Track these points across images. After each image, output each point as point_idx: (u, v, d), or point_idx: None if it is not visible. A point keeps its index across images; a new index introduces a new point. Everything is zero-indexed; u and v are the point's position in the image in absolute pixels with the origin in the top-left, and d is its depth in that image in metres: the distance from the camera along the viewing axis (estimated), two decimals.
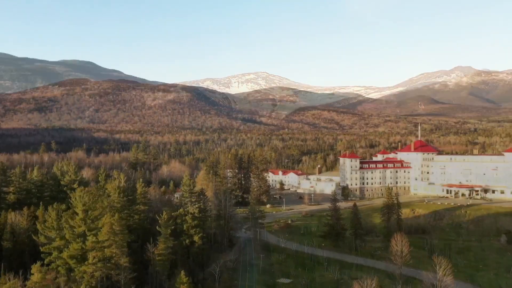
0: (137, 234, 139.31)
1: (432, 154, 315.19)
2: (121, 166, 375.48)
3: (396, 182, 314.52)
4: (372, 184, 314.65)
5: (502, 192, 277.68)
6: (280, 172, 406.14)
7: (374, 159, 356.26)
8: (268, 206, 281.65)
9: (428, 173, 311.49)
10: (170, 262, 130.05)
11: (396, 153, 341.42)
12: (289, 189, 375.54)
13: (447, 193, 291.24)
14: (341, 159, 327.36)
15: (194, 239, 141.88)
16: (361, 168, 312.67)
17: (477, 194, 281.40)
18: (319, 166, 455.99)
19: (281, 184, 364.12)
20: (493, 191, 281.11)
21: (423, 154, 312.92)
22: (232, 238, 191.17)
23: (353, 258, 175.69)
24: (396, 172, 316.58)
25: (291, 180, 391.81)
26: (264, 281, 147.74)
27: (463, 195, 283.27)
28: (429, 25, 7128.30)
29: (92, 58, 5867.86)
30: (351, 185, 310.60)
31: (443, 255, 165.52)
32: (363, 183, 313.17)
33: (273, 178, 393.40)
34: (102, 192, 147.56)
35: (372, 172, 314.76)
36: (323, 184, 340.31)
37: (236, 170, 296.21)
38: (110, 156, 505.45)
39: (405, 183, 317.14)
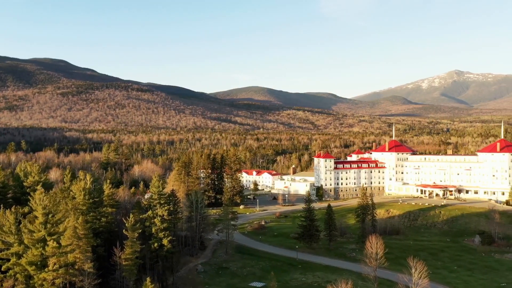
0: (103, 238, 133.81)
1: (407, 154, 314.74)
2: (90, 167, 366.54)
3: (371, 182, 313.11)
4: (346, 184, 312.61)
5: (476, 192, 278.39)
6: (254, 173, 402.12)
7: (349, 159, 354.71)
8: (241, 207, 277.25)
9: (402, 173, 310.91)
10: (137, 267, 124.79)
11: (371, 153, 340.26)
12: (263, 189, 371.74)
13: (421, 193, 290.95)
14: (316, 159, 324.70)
15: (163, 242, 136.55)
16: (335, 168, 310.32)
17: (451, 194, 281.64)
18: (293, 166, 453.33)
19: (255, 184, 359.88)
20: (467, 191, 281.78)
21: (398, 154, 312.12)
22: (204, 240, 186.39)
23: (327, 260, 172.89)
24: (371, 172, 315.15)
25: (265, 180, 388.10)
26: (235, 285, 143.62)
27: (437, 195, 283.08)
28: (403, 27, 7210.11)
29: (64, 56, 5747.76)
30: (326, 185, 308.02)
31: (418, 257, 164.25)
32: (338, 183, 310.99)
33: (247, 178, 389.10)
34: (66, 194, 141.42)
35: (346, 172, 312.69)
36: (298, 185, 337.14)
37: (209, 171, 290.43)
38: (81, 156, 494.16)
39: (379, 183, 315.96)
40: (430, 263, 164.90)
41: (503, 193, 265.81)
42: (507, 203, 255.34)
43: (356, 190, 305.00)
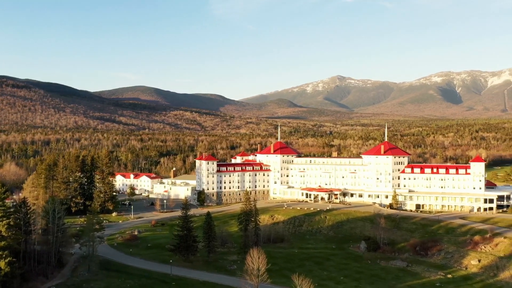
0: None
1: (292, 156, 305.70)
2: None
3: (255, 186, 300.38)
4: (230, 188, 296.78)
5: (361, 196, 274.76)
6: (132, 176, 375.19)
7: (233, 161, 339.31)
8: (114, 214, 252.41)
9: (287, 176, 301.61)
10: None
11: (256, 155, 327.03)
12: (141, 194, 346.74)
13: (307, 197, 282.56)
14: (197, 162, 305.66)
15: (0, 265, 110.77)
16: (218, 171, 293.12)
17: (336, 198, 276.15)
18: (174, 169, 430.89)
19: (132, 188, 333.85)
20: (352, 195, 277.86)
21: (283, 156, 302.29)
22: (62, 256, 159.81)
23: (206, 275, 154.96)
24: (255, 175, 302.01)
25: (143, 184, 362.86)
26: None
27: (322, 199, 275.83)
28: (291, 32, 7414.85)
29: None
30: (208, 189, 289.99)
31: (303, 267, 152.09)
32: (221, 187, 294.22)
33: (124, 182, 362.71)
34: None
35: (230, 176, 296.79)
36: (178, 189, 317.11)
37: (78, 174, 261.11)
38: None
39: (264, 186, 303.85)
40: (315, 274, 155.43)
41: (386, 196, 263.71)
42: (391, 206, 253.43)
43: (240, 194, 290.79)
